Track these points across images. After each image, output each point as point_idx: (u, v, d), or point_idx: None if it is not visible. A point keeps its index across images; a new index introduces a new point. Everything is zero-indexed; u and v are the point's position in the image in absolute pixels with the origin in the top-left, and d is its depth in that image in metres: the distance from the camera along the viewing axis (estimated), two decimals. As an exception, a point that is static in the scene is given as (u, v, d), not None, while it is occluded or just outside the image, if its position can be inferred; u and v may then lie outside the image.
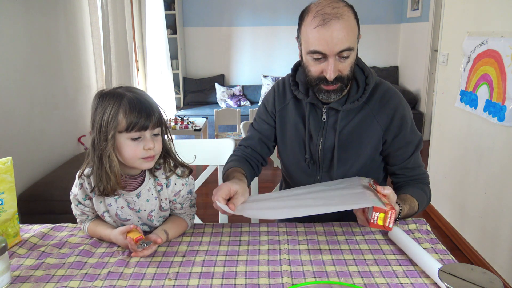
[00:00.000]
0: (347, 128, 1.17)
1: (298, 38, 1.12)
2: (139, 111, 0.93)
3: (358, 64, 1.17)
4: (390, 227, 0.92)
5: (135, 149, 0.95)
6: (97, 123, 0.94)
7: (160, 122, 0.98)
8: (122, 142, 0.94)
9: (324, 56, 1.05)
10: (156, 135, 0.98)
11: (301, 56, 1.14)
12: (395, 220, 1.05)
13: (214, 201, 0.99)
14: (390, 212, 0.91)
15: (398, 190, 1.19)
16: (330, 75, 1.05)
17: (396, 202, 1.02)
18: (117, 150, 0.95)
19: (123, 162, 0.98)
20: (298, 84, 1.22)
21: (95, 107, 0.96)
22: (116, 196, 1.02)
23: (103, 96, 0.95)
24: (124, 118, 0.92)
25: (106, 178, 0.96)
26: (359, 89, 1.16)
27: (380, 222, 0.92)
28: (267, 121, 1.30)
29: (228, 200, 1.02)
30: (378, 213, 0.92)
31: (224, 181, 1.18)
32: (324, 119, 1.19)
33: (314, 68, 1.09)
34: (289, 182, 1.37)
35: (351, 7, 1.07)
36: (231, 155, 1.31)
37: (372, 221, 0.92)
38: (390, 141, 1.18)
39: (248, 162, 1.28)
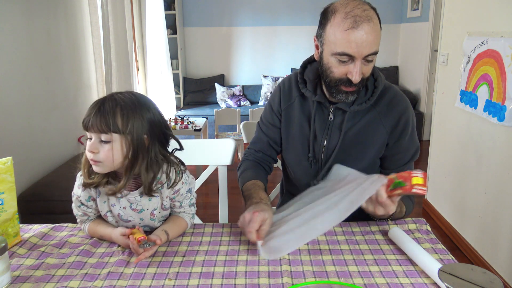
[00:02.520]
0: (353, 130, 1.17)
1: (319, 37, 1.09)
2: (92, 111, 0.93)
3: None
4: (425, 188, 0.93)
5: (87, 149, 0.96)
6: None
7: (112, 129, 0.92)
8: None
9: (351, 59, 1.03)
10: (104, 142, 0.94)
11: (320, 56, 1.11)
12: (388, 219, 1.07)
13: (247, 234, 0.99)
14: (420, 173, 0.92)
15: None
16: (356, 78, 1.04)
17: None
18: None
19: None
20: (305, 82, 1.22)
21: None
22: (119, 196, 1.02)
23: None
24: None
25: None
26: (367, 91, 1.16)
27: (420, 181, 0.91)
28: (273, 124, 1.30)
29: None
30: (415, 174, 0.92)
31: (244, 194, 1.20)
32: (330, 118, 1.18)
33: (338, 70, 1.07)
34: (290, 180, 1.37)
35: (375, 9, 1.07)
36: (244, 160, 1.33)
37: (412, 183, 0.91)
38: (391, 144, 1.18)
39: (262, 167, 1.32)
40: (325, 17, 1.06)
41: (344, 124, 1.16)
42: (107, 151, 0.94)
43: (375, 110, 1.16)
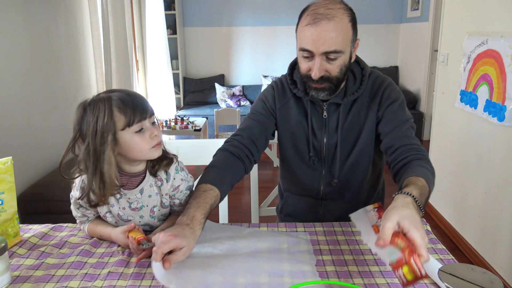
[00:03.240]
0: (347, 122, 1.20)
1: (296, 35, 1.15)
2: (132, 104, 0.93)
3: (356, 58, 1.20)
4: (423, 273, 0.71)
5: (142, 141, 0.95)
6: (91, 131, 0.91)
7: (152, 111, 0.99)
8: (128, 138, 0.94)
9: (311, 55, 1.07)
10: (153, 123, 0.99)
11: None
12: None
13: (153, 251, 0.87)
14: (412, 258, 0.72)
15: (398, 177, 1.06)
16: (315, 74, 1.08)
17: (404, 192, 0.88)
18: (124, 149, 0.95)
19: (133, 159, 0.98)
20: (296, 83, 1.23)
21: (81, 117, 0.93)
22: (118, 196, 1.02)
23: (90, 105, 0.93)
24: (121, 115, 0.92)
25: (100, 185, 0.95)
26: (356, 81, 1.19)
27: (410, 277, 0.71)
28: (266, 115, 1.27)
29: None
30: (400, 269, 0.73)
31: (189, 200, 1.03)
32: (325, 116, 1.20)
33: (302, 66, 1.12)
34: (290, 180, 1.36)
35: (349, 10, 1.08)
36: (223, 150, 1.21)
37: (404, 282, 0.72)
38: (381, 114, 1.18)
39: (241, 162, 1.19)
40: (300, 15, 1.12)
41: (340, 119, 1.19)
42: (159, 129, 0.99)
43: (361, 97, 1.19)
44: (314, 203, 1.32)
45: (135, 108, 0.93)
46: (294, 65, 1.26)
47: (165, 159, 1.04)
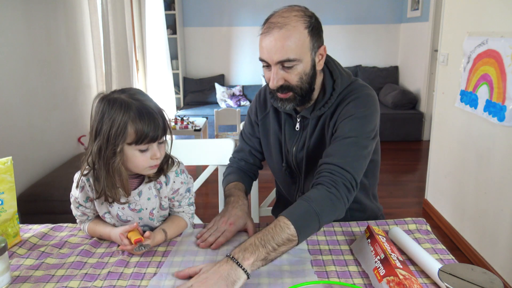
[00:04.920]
0: (313, 138, 1.16)
1: None
2: (148, 123, 0.91)
3: (329, 67, 1.14)
4: None
5: (143, 160, 0.95)
6: (105, 133, 0.91)
7: (165, 130, 0.97)
8: (130, 153, 0.94)
9: (268, 65, 1.05)
10: (161, 143, 0.98)
11: None
12: None
13: (206, 235, 1.05)
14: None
15: None
16: (272, 83, 1.05)
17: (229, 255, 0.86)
18: (126, 159, 0.95)
19: (128, 169, 0.98)
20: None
21: (101, 113, 0.92)
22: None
23: (109, 103, 0.92)
24: (133, 131, 0.91)
25: (112, 188, 0.96)
26: (325, 95, 1.12)
27: None
28: (252, 134, 1.31)
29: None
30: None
31: (225, 194, 1.20)
32: (297, 128, 1.19)
33: (266, 76, 1.09)
34: (277, 185, 1.42)
35: (308, 16, 1.03)
36: (229, 167, 1.33)
37: None
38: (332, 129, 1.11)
39: (245, 174, 1.32)
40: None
41: (308, 131, 1.16)
42: (163, 149, 1.00)
43: (328, 111, 1.13)
44: None
45: (149, 131, 0.92)
46: None
47: (166, 164, 1.04)
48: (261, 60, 1.06)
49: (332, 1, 5.19)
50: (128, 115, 0.90)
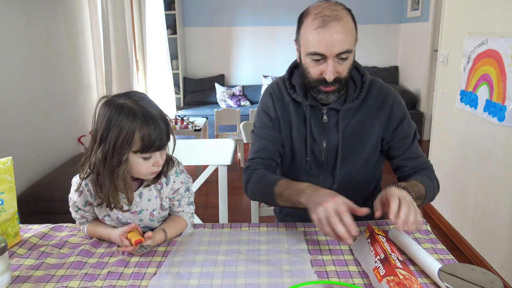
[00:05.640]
0: (349, 128, 1.19)
1: (297, 40, 1.13)
2: (154, 132, 0.91)
3: (353, 63, 1.18)
4: None
5: (146, 167, 0.96)
6: (111, 141, 0.90)
7: (169, 136, 0.97)
8: (134, 161, 0.94)
9: (323, 58, 1.06)
10: (162, 150, 0.98)
11: (299, 58, 1.14)
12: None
13: (334, 226, 0.90)
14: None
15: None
16: (330, 76, 1.06)
17: (399, 185, 1.03)
18: (129, 166, 0.95)
19: (129, 174, 0.98)
20: (294, 87, 1.21)
21: (108, 120, 0.91)
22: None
23: (117, 110, 0.91)
24: (139, 140, 0.91)
25: (116, 195, 0.96)
26: (356, 88, 1.18)
27: None
28: (274, 128, 1.24)
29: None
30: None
31: (285, 193, 1.07)
32: (325, 120, 1.19)
33: (313, 70, 1.09)
34: None
35: (349, 10, 1.09)
36: (253, 171, 1.20)
37: None
38: (390, 135, 1.20)
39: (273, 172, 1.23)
40: (300, 20, 1.10)
41: (339, 124, 1.18)
42: (165, 153, 1.00)
43: (366, 105, 1.19)
44: None
45: (155, 141, 0.92)
46: (293, 69, 1.23)
47: (165, 166, 1.04)
48: (314, 54, 1.05)
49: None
50: (135, 124, 0.90)
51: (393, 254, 0.88)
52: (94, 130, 0.94)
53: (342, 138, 1.19)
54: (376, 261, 0.88)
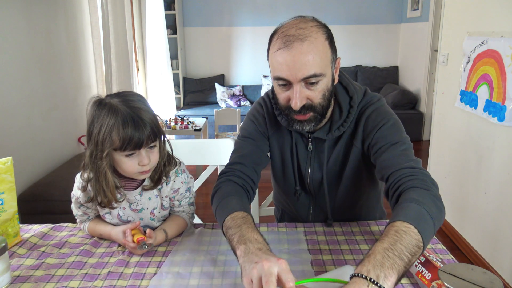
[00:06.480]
0: (332, 157, 1.09)
1: (268, 61, 1.00)
2: (132, 129, 0.90)
3: (342, 82, 1.06)
4: None
5: (130, 165, 0.95)
6: (94, 138, 0.93)
7: (155, 135, 0.95)
8: (118, 158, 0.95)
9: (288, 83, 0.93)
10: (152, 147, 0.97)
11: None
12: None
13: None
14: None
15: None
16: (296, 104, 0.93)
17: (360, 275, 0.66)
18: (115, 163, 0.96)
19: (121, 173, 0.99)
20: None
21: (92, 117, 0.94)
22: (119, 196, 1.02)
23: (99, 107, 0.93)
24: (117, 137, 0.91)
25: (102, 192, 0.97)
26: (342, 113, 1.04)
27: None
28: (261, 139, 1.13)
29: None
30: None
31: (230, 231, 0.86)
32: (309, 148, 1.10)
33: (281, 96, 0.97)
34: (281, 203, 1.32)
35: (323, 27, 0.95)
36: (226, 180, 1.05)
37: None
38: (371, 145, 1.02)
39: (246, 193, 1.05)
40: (269, 39, 0.98)
41: (325, 154, 1.08)
42: (156, 154, 0.98)
43: (348, 130, 1.06)
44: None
45: (132, 138, 0.91)
46: None
47: (167, 166, 1.04)
48: (278, 78, 0.93)
49: (332, 1, 5.19)
50: (114, 120, 0.91)
51: (431, 255, 0.85)
52: (86, 129, 0.97)
53: (326, 170, 1.09)
54: (417, 265, 0.85)
